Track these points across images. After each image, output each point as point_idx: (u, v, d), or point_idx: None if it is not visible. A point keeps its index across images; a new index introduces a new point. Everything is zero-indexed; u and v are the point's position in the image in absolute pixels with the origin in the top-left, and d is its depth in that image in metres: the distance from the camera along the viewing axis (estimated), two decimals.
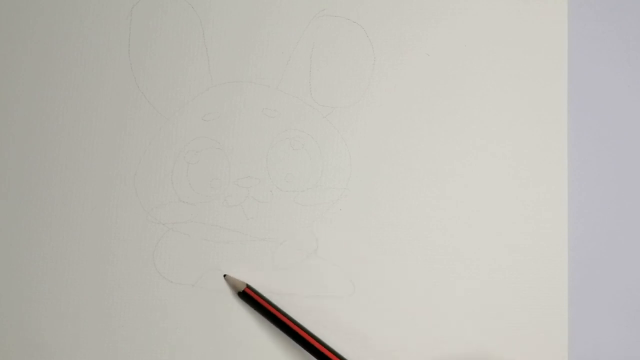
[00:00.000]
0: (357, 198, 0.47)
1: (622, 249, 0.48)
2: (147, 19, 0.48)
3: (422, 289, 0.47)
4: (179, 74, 0.48)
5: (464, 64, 0.48)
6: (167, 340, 0.46)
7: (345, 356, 0.45)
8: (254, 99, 0.48)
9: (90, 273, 0.46)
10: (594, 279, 0.48)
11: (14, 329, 0.46)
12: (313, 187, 0.47)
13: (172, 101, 0.48)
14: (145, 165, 0.47)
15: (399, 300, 0.46)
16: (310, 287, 0.47)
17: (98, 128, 0.47)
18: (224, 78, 0.48)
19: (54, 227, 0.47)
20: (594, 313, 0.47)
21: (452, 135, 0.48)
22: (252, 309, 0.46)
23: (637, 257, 0.48)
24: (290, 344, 0.46)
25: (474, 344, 0.46)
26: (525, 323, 0.46)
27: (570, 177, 0.48)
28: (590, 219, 0.48)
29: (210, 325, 0.46)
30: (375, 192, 0.47)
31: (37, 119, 0.48)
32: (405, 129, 0.48)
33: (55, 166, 0.47)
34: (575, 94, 0.48)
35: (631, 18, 0.50)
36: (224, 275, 0.46)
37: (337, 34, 0.48)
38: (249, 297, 0.45)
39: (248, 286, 0.46)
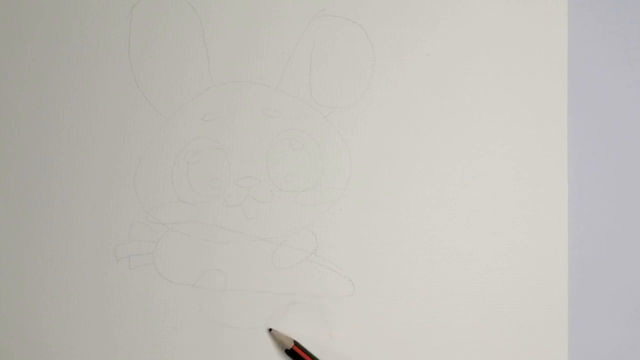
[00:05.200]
0: (357, 198, 0.47)
1: (622, 249, 0.48)
2: (147, 19, 0.48)
3: (422, 289, 0.47)
4: (179, 74, 0.48)
5: (464, 64, 0.48)
6: (167, 340, 0.46)
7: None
8: (254, 99, 0.48)
9: (90, 273, 0.46)
10: (594, 279, 0.48)
11: (15, 329, 0.46)
12: (313, 187, 0.47)
13: (172, 101, 0.48)
14: (145, 165, 0.47)
15: (398, 301, 0.46)
16: (310, 287, 0.47)
17: (98, 128, 0.47)
18: (224, 78, 0.48)
19: (54, 227, 0.47)
20: (594, 313, 0.47)
21: (452, 135, 0.48)
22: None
23: (637, 257, 0.48)
24: None
25: (473, 343, 0.46)
26: (525, 323, 0.46)
27: (570, 177, 0.48)
28: (590, 219, 0.48)
29: (210, 325, 0.46)
30: (375, 192, 0.47)
31: (37, 119, 0.48)
32: (405, 129, 0.48)
33: (55, 166, 0.47)
34: (575, 94, 0.48)
35: (631, 18, 0.50)
36: (269, 330, 0.46)
37: (337, 34, 0.48)
38: (296, 354, 0.45)
39: (296, 343, 0.45)
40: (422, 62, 0.48)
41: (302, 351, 0.44)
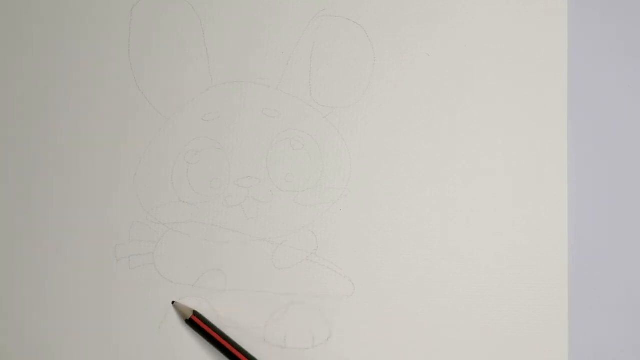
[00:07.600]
0: (357, 198, 0.47)
1: (622, 249, 0.48)
2: (147, 19, 0.48)
3: (422, 289, 0.47)
4: (179, 74, 0.48)
5: (464, 64, 0.48)
6: (167, 340, 0.46)
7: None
8: (254, 99, 0.48)
9: (90, 273, 0.46)
10: (594, 279, 0.48)
11: (14, 328, 0.46)
12: (313, 187, 0.47)
13: (172, 101, 0.48)
14: (145, 165, 0.47)
15: (398, 301, 0.46)
16: (310, 287, 0.47)
17: (98, 128, 0.47)
18: (224, 78, 0.48)
19: (54, 227, 0.47)
20: (594, 313, 0.47)
21: (451, 135, 0.48)
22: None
23: (637, 257, 0.48)
24: None
25: (473, 343, 0.46)
26: (525, 323, 0.46)
27: (570, 177, 0.48)
28: (590, 219, 0.48)
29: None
30: (375, 192, 0.47)
31: (37, 119, 0.48)
32: (405, 129, 0.48)
33: (55, 166, 0.47)
34: (575, 94, 0.48)
35: (631, 18, 0.50)
36: (173, 302, 0.46)
37: (337, 34, 0.48)
38: (195, 324, 0.45)
39: (195, 313, 0.45)
40: (422, 62, 0.48)
41: (202, 321, 0.45)
